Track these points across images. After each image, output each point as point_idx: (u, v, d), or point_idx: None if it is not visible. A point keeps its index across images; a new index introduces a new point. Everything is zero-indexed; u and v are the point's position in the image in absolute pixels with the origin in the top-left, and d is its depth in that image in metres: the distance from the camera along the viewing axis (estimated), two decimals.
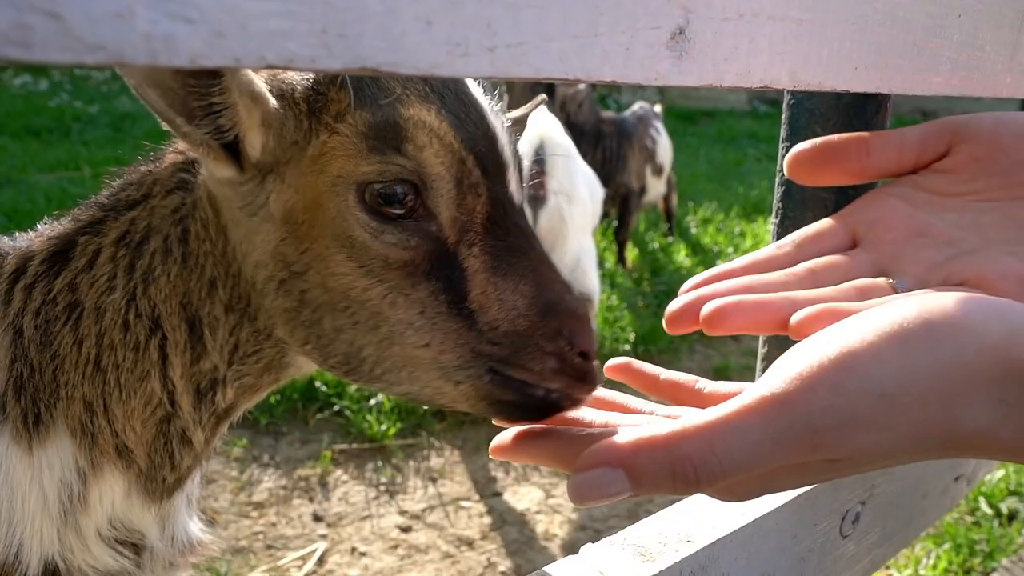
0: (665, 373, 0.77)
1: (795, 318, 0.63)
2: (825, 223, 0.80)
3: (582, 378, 0.71)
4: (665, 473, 0.53)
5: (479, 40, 0.44)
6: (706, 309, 0.66)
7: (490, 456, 0.69)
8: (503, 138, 0.77)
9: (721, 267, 0.76)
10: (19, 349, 0.83)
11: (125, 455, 0.85)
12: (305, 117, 0.74)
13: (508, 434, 0.68)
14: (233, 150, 0.75)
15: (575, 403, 0.70)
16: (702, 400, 0.74)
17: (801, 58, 0.69)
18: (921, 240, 0.74)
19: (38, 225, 0.93)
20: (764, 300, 0.66)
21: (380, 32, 0.40)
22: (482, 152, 0.74)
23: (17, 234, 0.92)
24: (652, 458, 0.54)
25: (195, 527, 0.99)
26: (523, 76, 0.47)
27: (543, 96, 1.29)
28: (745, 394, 0.54)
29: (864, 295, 0.68)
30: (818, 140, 0.81)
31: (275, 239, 0.76)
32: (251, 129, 0.74)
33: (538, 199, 3.72)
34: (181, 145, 0.86)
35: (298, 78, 0.77)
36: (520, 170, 0.81)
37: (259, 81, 0.74)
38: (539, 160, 3.75)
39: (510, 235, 0.74)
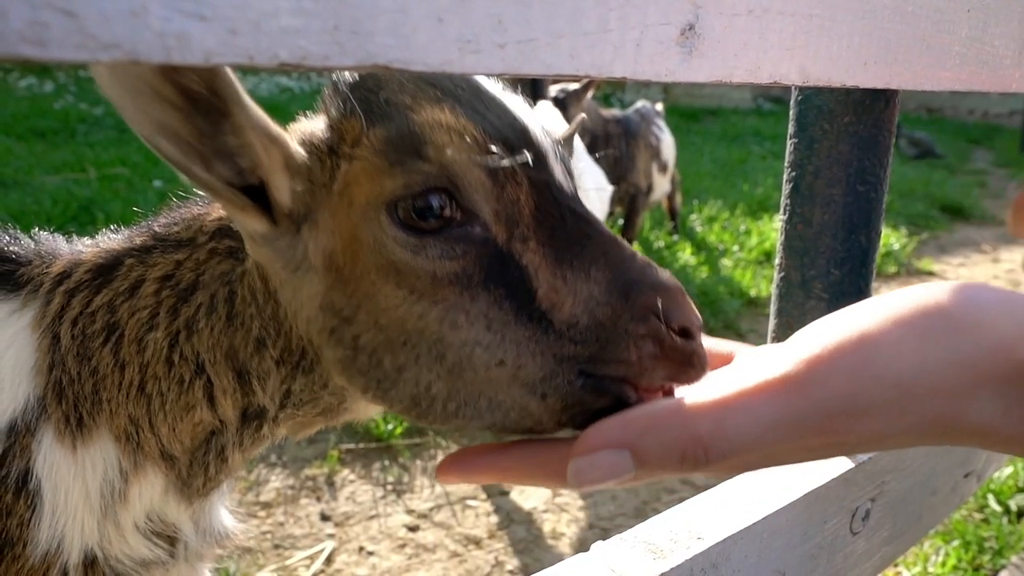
0: None
1: None
2: None
3: (688, 361, 0.63)
4: (674, 454, 0.52)
5: (490, 37, 0.44)
6: None
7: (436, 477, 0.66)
8: (535, 127, 0.71)
9: None
10: (56, 355, 0.83)
11: (169, 459, 0.85)
12: (327, 156, 0.72)
13: (456, 454, 0.64)
14: (262, 201, 0.72)
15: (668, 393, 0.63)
16: None
17: (811, 53, 0.69)
18: None
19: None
20: None
21: (392, 29, 0.40)
22: (511, 140, 0.68)
23: (76, 237, 0.93)
24: (660, 439, 0.53)
25: (228, 517, 0.99)
26: (534, 73, 0.47)
27: (583, 116, 1.26)
28: (756, 372, 0.54)
29: None
30: None
31: (322, 289, 0.73)
32: (274, 173, 0.70)
33: None
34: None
35: (317, 124, 0.75)
36: (565, 162, 0.74)
37: (275, 125, 0.70)
38: None
39: (567, 222, 0.68)
